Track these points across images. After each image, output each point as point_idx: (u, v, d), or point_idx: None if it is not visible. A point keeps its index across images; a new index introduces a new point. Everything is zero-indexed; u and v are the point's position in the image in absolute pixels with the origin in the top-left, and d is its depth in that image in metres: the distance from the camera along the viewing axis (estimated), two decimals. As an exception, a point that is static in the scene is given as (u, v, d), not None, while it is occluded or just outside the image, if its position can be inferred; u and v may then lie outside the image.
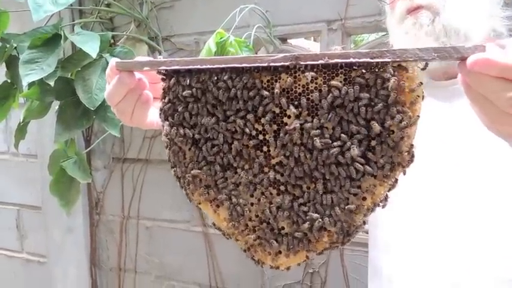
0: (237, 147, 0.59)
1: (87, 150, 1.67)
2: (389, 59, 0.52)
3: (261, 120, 0.57)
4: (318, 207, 0.58)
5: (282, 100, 0.56)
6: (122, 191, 1.76)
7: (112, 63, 0.62)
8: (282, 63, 0.55)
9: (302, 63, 0.54)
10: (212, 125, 0.59)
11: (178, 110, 0.61)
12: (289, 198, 0.59)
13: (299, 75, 0.55)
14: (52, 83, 1.32)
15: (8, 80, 1.42)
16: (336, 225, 0.58)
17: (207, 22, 1.47)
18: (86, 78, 1.26)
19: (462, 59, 0.48)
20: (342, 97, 0.54)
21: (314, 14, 1.34)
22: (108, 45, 1.35)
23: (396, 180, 0.56)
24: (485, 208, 0.77)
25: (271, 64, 0.55)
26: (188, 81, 0.59)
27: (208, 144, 0.60)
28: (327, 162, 0.56)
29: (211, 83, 0.58)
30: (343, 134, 0.55)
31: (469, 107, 0.52)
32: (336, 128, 0.55)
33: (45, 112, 1.44)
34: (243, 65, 0.56)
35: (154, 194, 1.69)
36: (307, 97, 0.55)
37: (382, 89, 0.53)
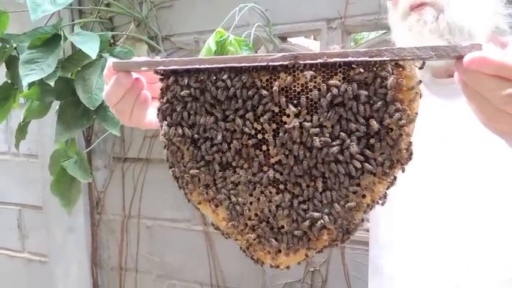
0: (236, 146, 0.59)
1: (87, 149, 1.68)
2: (387, 58, 0.52)
3: (260, 119, 0.57)
4: (318, 205, 0.58)
5: (281, 99, 0.56)
6: (123, 191, 1.76)
7: (109, 63, 0.62)
8: (281, 62, 0.55)
9: (301, 62, 0.54)
10: (211, 125, 0.59)
11: (176, 110, 0.60)
12: (288, 196, 0.59)
13: (298, 74, 0.55)
14: (52, 83, 1.32)
15: (8, 81, 1.42)
16: (336, 222, 0.58)
17: (207, 21, 1.47)
18: (86, 78, 1.26)
19: (459, 58, 0.48)
20: (341, 95, 0.54)
21: (314, 13, 1.34)
22: (107, 45, 1.35)
23: (395, 177, 0.57)
24: (487, 206, 0.77)
25: (270, 63, 0.55)
26: (186, 81, 0.59)
27: (207, 143, 0.60)
28: (326, 160, 0.56)
29: (209, 83, 0.58)
30: (342, 133, 0.55)
31: None
32: (335, 127, 0.55)
33: (45, 112, 1.44)
34: (242, 65, 0.56)
35: (155, 193, 1.69)
36: (306, 96, 0.55)
37: (380, 87, 0.53)
